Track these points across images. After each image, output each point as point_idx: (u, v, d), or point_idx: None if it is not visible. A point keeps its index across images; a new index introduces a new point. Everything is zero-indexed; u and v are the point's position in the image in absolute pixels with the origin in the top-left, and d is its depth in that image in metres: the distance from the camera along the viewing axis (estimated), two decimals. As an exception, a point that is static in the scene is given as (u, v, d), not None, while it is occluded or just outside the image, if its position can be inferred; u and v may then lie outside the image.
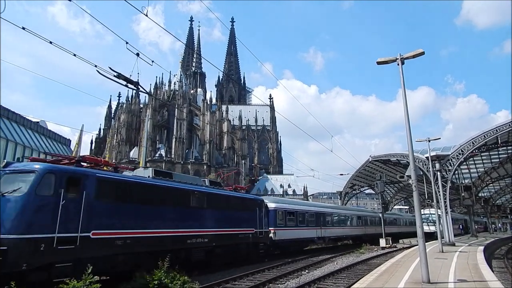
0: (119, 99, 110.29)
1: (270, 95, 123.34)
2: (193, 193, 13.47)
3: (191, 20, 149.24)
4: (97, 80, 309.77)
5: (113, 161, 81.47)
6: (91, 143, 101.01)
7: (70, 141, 50.47)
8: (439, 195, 24.72)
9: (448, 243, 23.58)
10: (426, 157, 25.95)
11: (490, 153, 33.86)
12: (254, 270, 14.73)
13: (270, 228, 19.47)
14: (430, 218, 39.13)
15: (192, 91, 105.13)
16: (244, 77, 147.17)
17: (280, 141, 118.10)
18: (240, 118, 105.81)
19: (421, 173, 26.97)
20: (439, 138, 22.96)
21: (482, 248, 20.25)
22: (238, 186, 20.33)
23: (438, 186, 24.89)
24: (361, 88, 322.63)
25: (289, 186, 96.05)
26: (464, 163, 31.39)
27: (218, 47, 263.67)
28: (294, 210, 22.82)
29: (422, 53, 10.73)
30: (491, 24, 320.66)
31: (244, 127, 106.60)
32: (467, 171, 39.66)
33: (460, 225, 47.40)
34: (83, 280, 7.88)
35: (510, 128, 25.18)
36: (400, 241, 32.93)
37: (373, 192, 57.94)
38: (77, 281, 7.88)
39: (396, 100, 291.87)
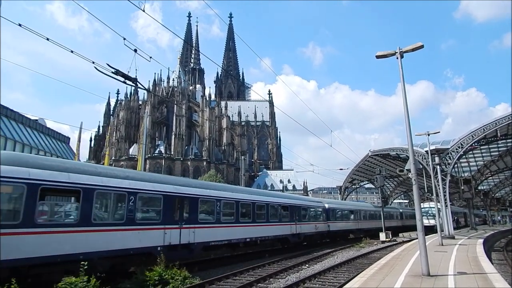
0: (117, 96, 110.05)
1: (269, 91, 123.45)
2: None
3: (189, 16, 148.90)
4: (96, 78, 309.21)
5: (113, 158, 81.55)
6: (90, 140, 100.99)
7: (69, 138, 50.55)
8: (439, 188, 24.77)
9: (448, 236, 23.67)
10: (425, 151, 25.96)
11: (490, 146, 33.89)
12: (255, 265, 14.79)
13: None
14: (430, 212, 39.18)
15: (191, 88, 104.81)
16: (243, 73, 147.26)
17: (280, 136, 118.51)
18: (239, 114, 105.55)
19: (421, 167, 26.96)
20: (439, 132, 23.01)
21: (481, 240, 20.32)
22: None
23: (438, 179, 24.92)
24: (360, 82, 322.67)
25: (289, 181, 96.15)
26: (464, 156, 31.43)
27: (217, 43, 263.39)
28: (79, 185, 9.55)
29: (421, 47, 10.68)
30: (491, 18, 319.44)
31: (243, 123, 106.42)
32: (466, 164, 39.70)
33: (455, 217, 46.73)
34: (80, 277, 7.91)
35: (509, 121, 25.18)
36: (400, 235, 33.04)
37: (373, 186, 58.13)
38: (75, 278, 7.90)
39: (395, 94, 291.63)
